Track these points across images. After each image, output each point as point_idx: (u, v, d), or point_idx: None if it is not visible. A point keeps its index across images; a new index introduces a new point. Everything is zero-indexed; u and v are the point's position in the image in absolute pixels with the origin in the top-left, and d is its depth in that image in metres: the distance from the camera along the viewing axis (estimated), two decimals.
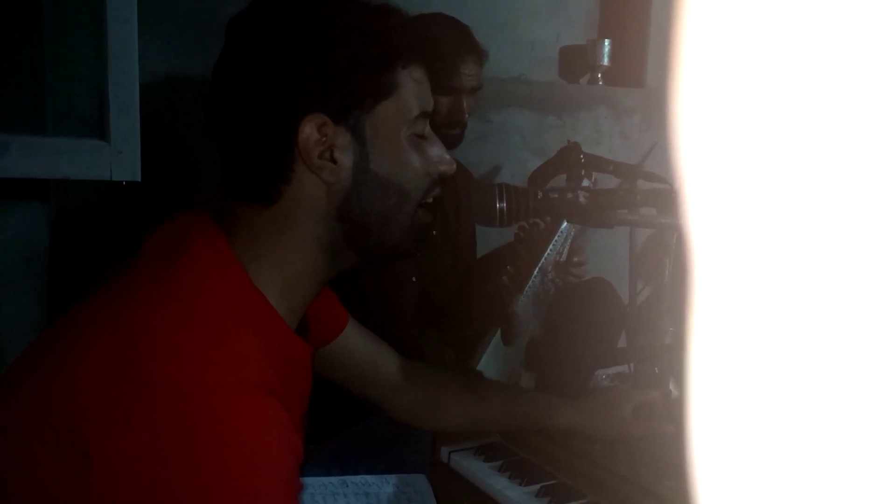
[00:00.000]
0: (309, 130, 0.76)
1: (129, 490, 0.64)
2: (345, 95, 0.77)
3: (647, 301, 1.54)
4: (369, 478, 1.15)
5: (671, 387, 1.37)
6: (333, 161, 0.77)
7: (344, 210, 0.79)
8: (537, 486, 1.13)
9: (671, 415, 1.22)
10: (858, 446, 0.24)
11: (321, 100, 0.76)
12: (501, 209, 1.20)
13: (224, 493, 0.65)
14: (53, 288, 1.67)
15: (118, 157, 1.48)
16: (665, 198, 1.28)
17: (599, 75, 2.54)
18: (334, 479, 1.13)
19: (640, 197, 1.26)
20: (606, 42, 2.50)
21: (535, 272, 1.55)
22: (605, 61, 2.51)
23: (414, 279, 1.65)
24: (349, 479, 1.14)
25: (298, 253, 0.79)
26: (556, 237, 1.56)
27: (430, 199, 0.86)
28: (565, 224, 1.56)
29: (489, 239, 1.90)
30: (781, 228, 0.24)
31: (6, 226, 1.57)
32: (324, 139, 0.76)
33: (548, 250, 1.55)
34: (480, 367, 1.51)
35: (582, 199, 1.23)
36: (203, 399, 0.65)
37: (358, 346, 1.11)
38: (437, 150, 0.85)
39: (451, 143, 1.67)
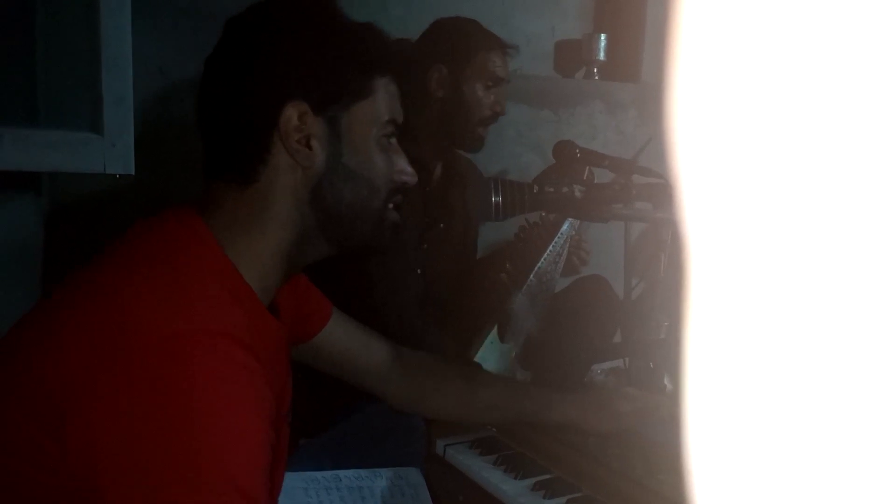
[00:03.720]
0: (290, 114, 0.81)
1: (106, 439, 0.67)
2: (327, 89, 0.83)
3: (642, 296, 1.54)
4: (362, 471, 1.15)
5: (666, 381, 1.38)
6: (309, 147, 0.83)
7: (317, 196, 0.84)
8: (532, 480, 1.13)
9: (668, 410, 1.23)
10: (853, 442, 0.24)
11: (305, 89, 0.82)
12: (497, 203, 1.20)
13: (195, 431, 0.67)
14: (47, 281, 1.67)
15: (111, 150, 1.48)
16: (660, 192, 1.28)
17: (595, 70, 2.54)
18: (327, 474, 1.13)
19: (635, 191, 1.26)
20: (602, 36, 2.50)
21: (534, 272, 1.56)
22: (601, 56, 2.51)
23: (419, 272, 1.65)
24: (342, 473, 1.14)
25: (272, 235, 0.84)
26: (556, 238, 1.57)
27: (395, 203, 0.91)
28: (566, 225, 1.57)
29: (488, 234, 1.90)
30: (775, 223, 0.24)
31: (0, 219, 1.57)
32: (303, 126, 0.82)
33: (547, 251, 1.57)
34: (476, 360, 1.51)
35: (577, 194, 1.23)
36: (174, 344, 0.68)
37: (345, 336, 1.13)
38: (401, 162, 0.90)
39: (481, 143, 1.72)
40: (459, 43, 1.67)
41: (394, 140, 0.90)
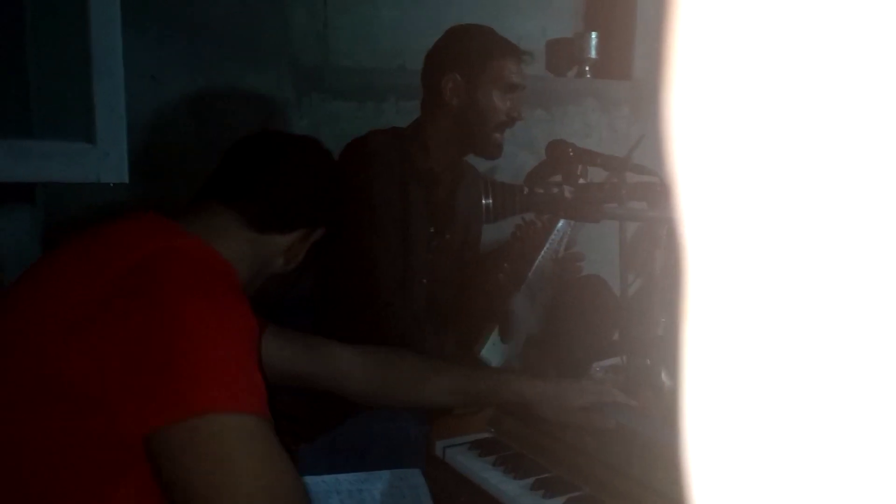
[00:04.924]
0: (318, 233, 1.13)
1: (108, 349, 0.79)
2: (330, 228, 1.15)
3: (639, 293, 1.54)
4: (361, 475, 1.15)
5: (664, 378, 1.38)
6: (299, 254, 1.12)
7: (275, 273, 1.11)
8: (531, 480, 1.13)
9: (617, 412, 1.25)
10: (853, 440, 0.24)
11: (328, 223, 1.14)
12: (487, 205, 1.20)
13: (184, 334, 0.80)
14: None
15: (105, 159, 1.48)
16: (652, 191, 1.28)
17: (587, 68, 2.54)
18: (327, 478, 1.13)
19: (625, 191, 1.26)
20: (593, 35, 2.50)
21: (532, 270, 1.56)
22: (592, 54, 2.51)
23: (424, 281, 1.66)
24: (341, 476, 1.14)
25: (242, 265, 1.04)
26: (552, 235, 1.57)
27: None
28: (562, 222, 1.57)
29: (485, 234, 1.90)
30: (770, 218, 0.24)
31: None
32: (304, 244, 1.11)
33: (544, 248, 1.57)
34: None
35: (567, 194, 1.23)
36: (159, 255, 0.86)
37: (286, 347, 1.22)
38: None
39: (499, 149, 1.72)
40: (473, 50, 1.66)
41: None
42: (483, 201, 1.20)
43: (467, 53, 1.66)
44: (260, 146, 1.12)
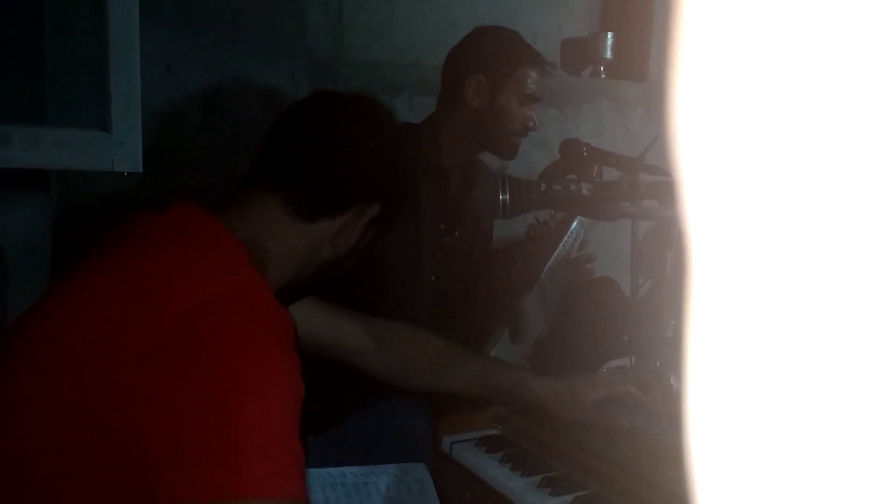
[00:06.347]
0: (374, 210, 1.02)
1: (153, 403, 0.74)
2: (395, 208, 1.05)
3: (649, 294, 1.54)
4: (367, 468, 1.15)
5: (672, 379, 1.38)
6: (351, 237, 1.02)
7: (324, 261, 1.02)
8: (539, 477, 1.13)
9: (632, 409, 1.24)
10: (856, 442, 0.24)
11: (384, 198, 1.02)
12: (504, 201, 1.20)
13: (233, 399, 0.75)
14: (57, 279, 1.67)
15: (119, 148, 1.48)
16: (668, 191, 1.28)
17: (602, 68, 2.54)
18: (333, 471, 1.14)
19: (643, 189, 1.26)
20: (609, 35, 2.49)
21: (545, 271, 1.56)
22: (608, 54, 2.50)
23: (433, 278, 1.66)
24: (347, 469, 1.14)
25: (287, 262, 0.99)
26: (566, 236, 1.57)
27: None
28: (576, 223, 1.57)
29: (497, 232, 1.90)
30: (781, 221, 0.24)
31: (9, 217, 1.58)
32: (357, 224, 1.01)
33: (558, 249, 1.57)
34: None
35: (585, 192, 1.23)
36: (213, 307, 0.79)
37: (315, 312, 1.20)
38: None
39: (516, 151, 1.71)
40: (501, 55, 1.65)
41: None
42: (500, 197, 1.20)
43: (495, 57, 1.65)
44: (306, 115, 1.01)
